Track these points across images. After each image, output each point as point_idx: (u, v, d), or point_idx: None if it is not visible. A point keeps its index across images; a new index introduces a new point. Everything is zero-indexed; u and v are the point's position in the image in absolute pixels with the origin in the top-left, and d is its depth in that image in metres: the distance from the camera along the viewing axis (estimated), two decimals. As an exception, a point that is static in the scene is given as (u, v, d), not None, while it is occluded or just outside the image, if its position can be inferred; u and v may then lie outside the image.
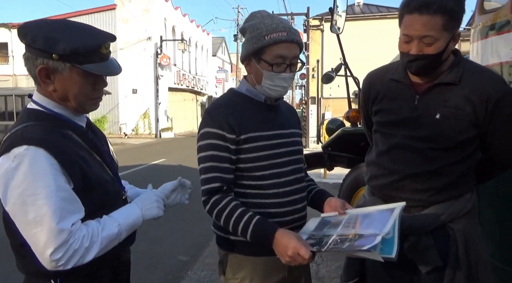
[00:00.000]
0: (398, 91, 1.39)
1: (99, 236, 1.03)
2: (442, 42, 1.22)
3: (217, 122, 1.27)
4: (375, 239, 1.03)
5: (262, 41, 1.23)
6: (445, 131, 1.28)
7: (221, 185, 1.26)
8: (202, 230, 4.44)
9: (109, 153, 1.26)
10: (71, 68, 1.04)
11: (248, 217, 1.21)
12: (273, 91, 1.30)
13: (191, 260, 3.61)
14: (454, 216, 1.30)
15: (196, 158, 1.33)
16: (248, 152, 1.28)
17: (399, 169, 1.35)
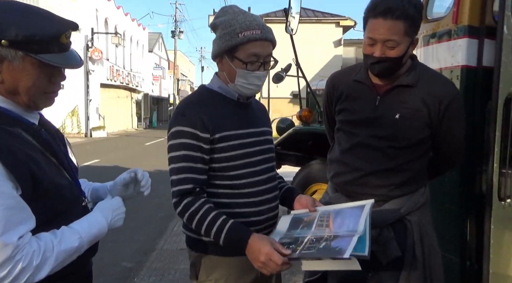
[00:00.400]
0: (360, 92, 1.47)
1: (53, 251, 0.90)
2: (403, 46, 1.31)
3: (190, 120, 1.22)
4: (351, 240, 1.05)
5: (235, 39, 1.20)
6: (403, 131, 1.37)
7: (193, 187, 1.21)
8: (145, 236, 4.25)
9: (67, 154, 1.12)
10: (24, 57, 0.91)
11: (221, 221, 1.18)
12: (246, 89, 1.28)
13: (136, 266, 3.43)
14: (411, 209, 1.40)
15: (167, 157, 1.26)
16: (223, 151, 1.24)
17: (361, 166, 1.42)
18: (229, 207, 1.26)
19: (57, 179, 1.00)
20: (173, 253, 3.71)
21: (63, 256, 0.92)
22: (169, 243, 3.98)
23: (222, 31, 1.23)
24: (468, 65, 1.89)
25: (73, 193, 1.06)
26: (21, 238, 0.85)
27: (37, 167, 0.93)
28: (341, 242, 1.07)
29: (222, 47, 1.23)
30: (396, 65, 1.35)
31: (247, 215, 1.27)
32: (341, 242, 1.07)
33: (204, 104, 1.27)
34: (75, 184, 1.09)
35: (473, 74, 1.90)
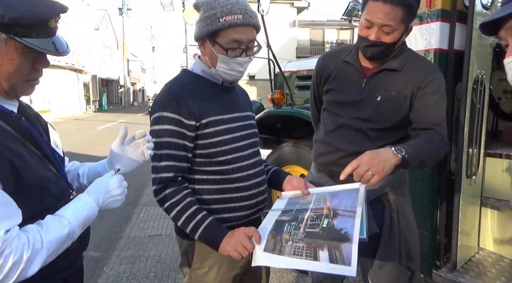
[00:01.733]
0: (349, 73, 1.48)
1: (42, 242, 0.84)
2: (398, 32, 1.32)
3: (174, 106, 1.17)
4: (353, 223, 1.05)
5: (216, 23, 1.15)
6: (384, 112, 1.40)
7: (175, 175, 1.18)
8: (109, 225, 4.07)
9: (49, 144, 1.02)
10: (7, 40, 0.82)
11: (200, 218, 1.16)
12: (228, 75, 1.24)
13: (104, 255, 3.28)
14: (389, 188, 1.45)
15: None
16: (209, 137, 1.21)
17: (344, 147, 1.46)
18: (220, 192, 1.24)
19: (42, 172, 0.92)
20: (142, 240, 3.60)
21: (54, 245, 0.87)
22: (137, 230, 3.85)
23: (203, 13, 1.17)
24: (440, 49, 1.97)
25: (60, 187, 0.98)
26: (8, 232, 0.79)
27: (19, 160, 0.85)
28: (344, 223, 1.07)
29: (203, 31, 1.18)
30: (388, 50, 1.36)
31: (237, 199, 1.26)
32: (344, 222, 1.07)
33: (188, 88, 1.22)
34: (62, 176, 1.01)
35: (445, 57, 1.98)
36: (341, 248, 0.99)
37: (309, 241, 1.05)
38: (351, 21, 15.32)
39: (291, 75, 3.76)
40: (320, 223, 1.10)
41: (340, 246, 1.00)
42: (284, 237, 1.08)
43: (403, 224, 1.44)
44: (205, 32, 1.17)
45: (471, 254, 2.17)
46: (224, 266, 1.26)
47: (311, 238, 1.06)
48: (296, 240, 1.06)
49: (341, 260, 0.97)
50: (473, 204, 2.17)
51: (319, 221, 1.11)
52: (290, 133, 3.56)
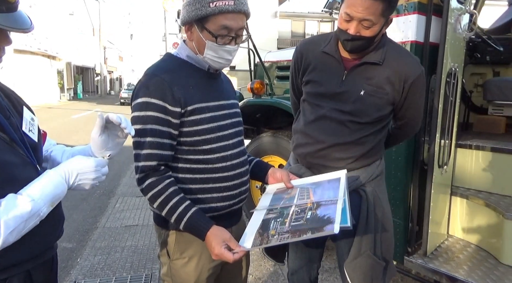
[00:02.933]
0: (328, 64, 1.46)
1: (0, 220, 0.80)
2: (378, 26, 1.31)
3: (159, 92, 1.12)
4: (336, 208, 1.08)
5: (206, 8, 1.10)
6: (366, 107, 1.40)
7: (158, 164, 1.15)
8: (83, 215, 3.99)
9: (20, 128, 0.97)
10: None
11: (184, 208, 1.14)
12: (215, 63, 1.20)
13: (78, 246, 3.22)
14: (366, 180, 1.47)
15: None
16: (194, 124, 1.17)
17: (324, 138, 1.45)
18: (203, 182, 1.22)
19: (5, 156, 0.88)
20: (117, 230, 3.55)
21: (15, 222, 0.83)
22: (112, 221, 3.79)
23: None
24: (417, 41, 2.00)
25: (25, 173, 0.93)
26: None
27: None
28: (327, 210, 1.09)
29: (192, 16, 1.13)
30: (369, 43, 1.35)
31: (221, 189, 1.24)
32: (327, 209, 1.09)
33: (173, 74, 1.17)
34: (31, 161, 0.96)
35: (421, 50, 2.02)
36: (323, 230, 1.02)
37: (293, 230, 1.07)
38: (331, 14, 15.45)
39: (271, 65, 3.76)
40: (304, 216, 1.12)
41: (323, 228, 1.02)
42: (270, 233, 1.10)
43: (379, 215, 1.46)
44: (193, 16, 1.13)
45: (441, 240, 2.25)
46: (204, 257, 1.25)
47: (296, 228, 1.08)
48: (282, 233, 1.08)
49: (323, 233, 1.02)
50: (444, 193, 2.24)
51: (303, 214, 1.13)
52: (269, 123, 3.57)
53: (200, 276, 1.26)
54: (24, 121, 1.01)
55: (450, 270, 1.96)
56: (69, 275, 2.71)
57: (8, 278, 0.91)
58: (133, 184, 5.03)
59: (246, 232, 1.16)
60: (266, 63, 3.63)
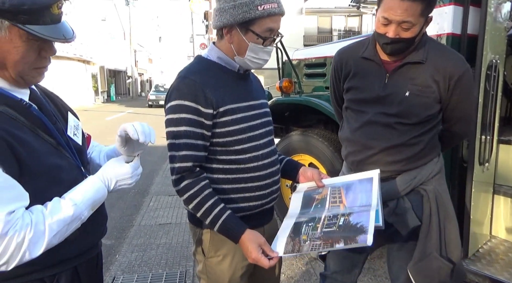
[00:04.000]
0: (369, 69, 1.44)
1: (44, 222, 0.84)
2: (418, 27, 1.27)
3: (192, 94, 1.15)
4: (369, 216, 1.06)
5: (254, 11, 1.13)
6: (413, 108, 1.36)
7: (193, 165, 1.17)
8: (120, 213, 4.14)
9: (65, 132, 1.02)
10: (10, 28, 0.82)
11: (218, 211, 1.16)
12: (254, 63, 1.22)
13: (116, 243, 3.34)
14: (425, 178, 1.41)
15: (165, 131, 1.19)
16: (226, 125, 1.19)
17: (372, 144, 1.42)
18: (235, 182, 1.23)
19: (52, 159, 0.92)
20: (152, 228, 3.65)
21: (58, 226, 0.87)
22: (147, 219, 3.90)
23: (237, 0, 1.14)
24: (453, 33, 1.92)
25: (71, 175, 0.97)
26: (11, 213, 0.79)
27: (23, 147, 0.85)
28: (360, 217, 1.08)
29: (238, 19, 1.14)
30: (409, 45, 1.32)
31: (253, 189, 1.25)
32: (360, 217, 1.08)
33: (205, 76, 1.19)
34: (76, 164, 1.01)
35: (458, 42, 1.93)
36: (356, 239, 1.00)
37: (326, 238, 1.07)
38: (359, 8, 15.04)
39: (299, 63, 3.72)
40: (336, 222, 1.11)
41: (356, 238, 1.01)
42: (302, 238, 1.10)
43: (442, 214, 1.41)
44: (240, 19, 1.14)
45: (483, 241, 2.16)
46: (238, 255, 1.27)
47: (328, 235, 1.07)
48: (314, 239, 1.08)
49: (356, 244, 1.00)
50: (486, 192, 2.14)
51: (335, 220, 1.12)
52: (298, 122, 3.54)
53: (234, 274, 1.28)
54: (69, 126, 1.06)
55: (494, 273, 1.87)
56: (109, 271, 2.82)
57: (57, 274, 0.96)
58: (166, 183, 5.15)
59: (277, 235, 1.17)
60: (294, 61, 3.60)
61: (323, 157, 2.91)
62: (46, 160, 0.90)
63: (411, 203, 1.39)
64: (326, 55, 3.41)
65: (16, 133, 0.85)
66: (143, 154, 1.11)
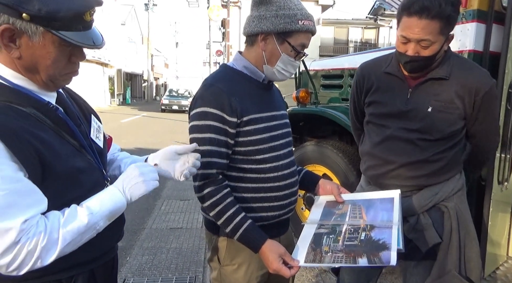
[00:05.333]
0: (391, 84, 1.44)
1: (59, 231, 0.84)
2: (437, 45, 1.28)
3: (218, 102, 1.16)
4: (390, 233, 1.06)
5: (296, 24, 1.16)
6: (436, 124, 1.35)
7: (216, 172, 1.19)
8: (132, 216, 4.17)
9: (88, 135, 1.04)
10: (44, 33, 0.84)
11: (239, 220, 1.17)
12: (281, 75, 1.25)
13: (127, 245, 3.37)
14: (447, 195, 1.40)
15: (189, 138, 1.21)
16: (249, 135, 1.21)
17: (393, 158, 1.42)
18: (255, 191, 1.24)
19: (74, 162, 0.93)
20: (163, 232, 3.68)
21: (72, 235, 0.86)
22: (158, 222, 3.93)
23: (279, 10, 1.17)
24: (475, 50, 1.91)
25: (93, 178, 0.99)
26: (27, 221, 0.80)
27: (48, 150, 0.86)
28: (382, 234, 1.08)
29: (278, 28, 1.17)
30: (429, 62, 1.33)
31: (272, 199, 1.26)
32: (382, 233, 1.08)
33: (230, 84, 1.22)
34: (98, 167, 1.02)
35: (480, 59, 1.92)
36: (379, 255, 1.00)
37: (348, 251, 1.07)
38: (376, 20, 15.01)
39: (316, 74, 3.74)
40: (358, 236, 1.11)
41: (379, 254, 1.01)
42: (323, 249, 1.10)
43: (463, 232, 1.39)
44: (280, 29, 1.17)
45: (500, 262, 2.11)
46: (253, 265, 1.27)
47: (350, 249, 1.07)
48: (336, 251, 1.08)
49: (380, 262, 0.99)
50: (504, 212, 2.10)
51: (357, 234, 1.12)
52: (312, 132, 3.54)
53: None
54: (92, 128, 1.08)
55: (510, 295, 1.83)
56: (120, 273, 2.84)
57: (74, 276, 0.97)
58: (178, 188, 5.19)
59: (298, 245, 1.17)
60: (311, 71, 3.62)
61: (337, 168, 2.90)
62: (68, 162, 0.91)
63: (431, 220, 1.38)
64: (343, 67, 3.42)
65: (42, 136, 0.87)
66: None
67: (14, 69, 0.88)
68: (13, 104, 0.85)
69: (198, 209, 4.23)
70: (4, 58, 0.87)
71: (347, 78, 3.33)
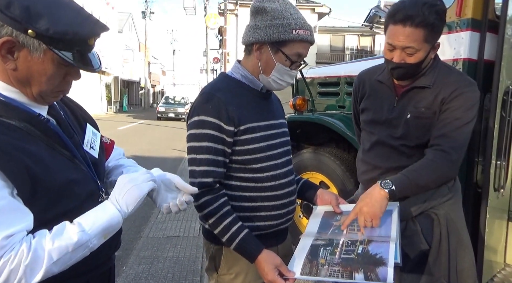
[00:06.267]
0: (381, 92, 1.49)
1: (44, 249, 0.80)
2: (422, 52, 1.31)
3: (215, 111, 1.16)
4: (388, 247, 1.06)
5: (289, 34, 1.16)
6: (414, 130, 1.38)
7: (213, 181, 1.18)
8: (128, 224, 4.14)
9: (81, 146, 1.03)
10: (46, 51, 0.84)
11: (236, 229, 1.16)
12: (277, 84, 1.25)
13: (123, 254, 3.34)
14: (436, 202, 1.40)
15: (186, 146, 1.22)
16: (246, 143, 1.20)
17: (380, 163, 1.47)
18: (252, 200, 1.24)
19: (66, 174, 0.92)
20: (159, 240, 3.65)
21: (59, 253, 0.81)
22: (155, 231, 3.91)
23: (274, 20, 1.17)
24: (470, 58, 1.93)
25: (87, 188, 0.96)
26: (9, 237, 0.77)
27: (37, 163, 0.85)
28: (379, 248, 1.08)
29: (271, 37, 1.17)
30: (414, 70, 1.36)
31: (269, 208, 1.25)
32: (379, 247, 1.08)
33: (228, 93, 1.22)
34: (92, 177, 1.00)
35: (474, 68, 1.94)
36: (376, 271, 1.00)
37: (344, 264, 1.06)
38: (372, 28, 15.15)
39: (312, 81, 3.76)
40: (355, 249, 1.11)
41: (376, 270, 1.01)
42: (320, 261, 1.10)
43: (453, 239, 1.38)
44: (273, 38, 1.17)
45: (497, 270, 2.10)
46: (251, 274, 1.26)
47: (347, 262, 1.07)
48: (332, 264, 1.07)
49: (377, 279, 0.98)
50: (500, 218, 2.10)
51: (354, 247, 1.12)
52: (309, 139, 3.55)
53: None
54: (86, 138, 1.06)
55: (508, 303, 1.82)
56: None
57: None
58: (174, 196, 5.16)
59: (294, 256, 1.16)
60: (307, 79, 3.64)
61: (334, 176, 2.90)
62: (60, 175, 0.89)
63: (420, 226, 1.38)
64: (339, 74, 3.44)
65: (31, 149, 0.85)
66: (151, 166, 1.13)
67: (4, 80, 0.87)
68: (2, 117, 0.85)
69: (195, 217, 4.21)
70: None
71: (343, 85, 3.35)
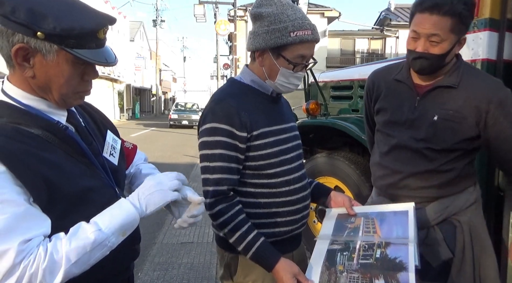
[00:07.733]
0: (400, 91, 1.42)
1: (62, 251, 0.80)
2: (447, 43, 1.26)
3: (227, 117, 1.15)
4: (407, 250, 1.03)
5: (287, 37, 1.13)
6: (442, 133, 1.32)
7: (228, 188, 1.16)
8: (143, 231, 4.08)
9: (101, 153, 1.02)
10: (58, 51, 0.84)
11: (252, 238, 1.14)
12: (284, 88, 1.23)
13: (138, 261, 3.31)
14: (459, 208, 1.36)
15: (199, 154, 1.20)
16: (259, 149, 1.19)
17: (401, 168, 1.39)
18: (267, 206, 1.22)
19: (84, 181, 0.91)
20: (174, 247, 3.65)
21: (77, 254, 0.81)
22: (169, 237, 3.91)
23: (270, 25, 1.15)
24: (488, 59, 1.88)
25: (105, 196, 0.95)
26: (26, 242, 0.77)
27: (54, 171, 0.85)
28: (398, 251, 1.04)
29: (270, 43, 1.15)
30: (438, 62, 1.29)
31: (284, 214, 1.24)
32: (397, 251, 1.05)
33: (239, 99, 1.20)
34: (110, 185, 1.00)
35: (493, 68, 1.89)
36: (397, 277, 0.97)
37: (364, 271, 1.03)
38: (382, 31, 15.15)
39: (325, 85, 3.74)
40: (373, 253, 1.08)
41: (397, 276, 0.98)
42: (338, 268, 1.07)
43: (477, 248, 1.34)
44: (272, 44, 1.15)
45: (522, 276, 2.03)
46: (267, 281, 1.24)
47: (366, 268, 1.04)
48: (351, 271, 1.05)
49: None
50: (524, 223, 2.03)
51: (371, 251, 1.09)
52: (323, 144, 3.52)
53: None
54: (106, 145, 1.06)
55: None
56: (131, 289, 2.81)
57: None
58: (188, 201, 5.16)
59: (311, 263, 1.14)
60: (320, 83, 3.62)
61: (349, 180, 2.86)
62: (78, 182, 0.89)
63: (443, 234, 1.34)
64: (352, 78, 3.42)
65: (48, 157, 0.85)
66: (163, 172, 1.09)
67: (26, 90, 0.87)
68: (22, 125, 0.85)
69: (208, 223, 4.21)
70: (17, 79, 0.87)
71: (356, 89, 3.32)
